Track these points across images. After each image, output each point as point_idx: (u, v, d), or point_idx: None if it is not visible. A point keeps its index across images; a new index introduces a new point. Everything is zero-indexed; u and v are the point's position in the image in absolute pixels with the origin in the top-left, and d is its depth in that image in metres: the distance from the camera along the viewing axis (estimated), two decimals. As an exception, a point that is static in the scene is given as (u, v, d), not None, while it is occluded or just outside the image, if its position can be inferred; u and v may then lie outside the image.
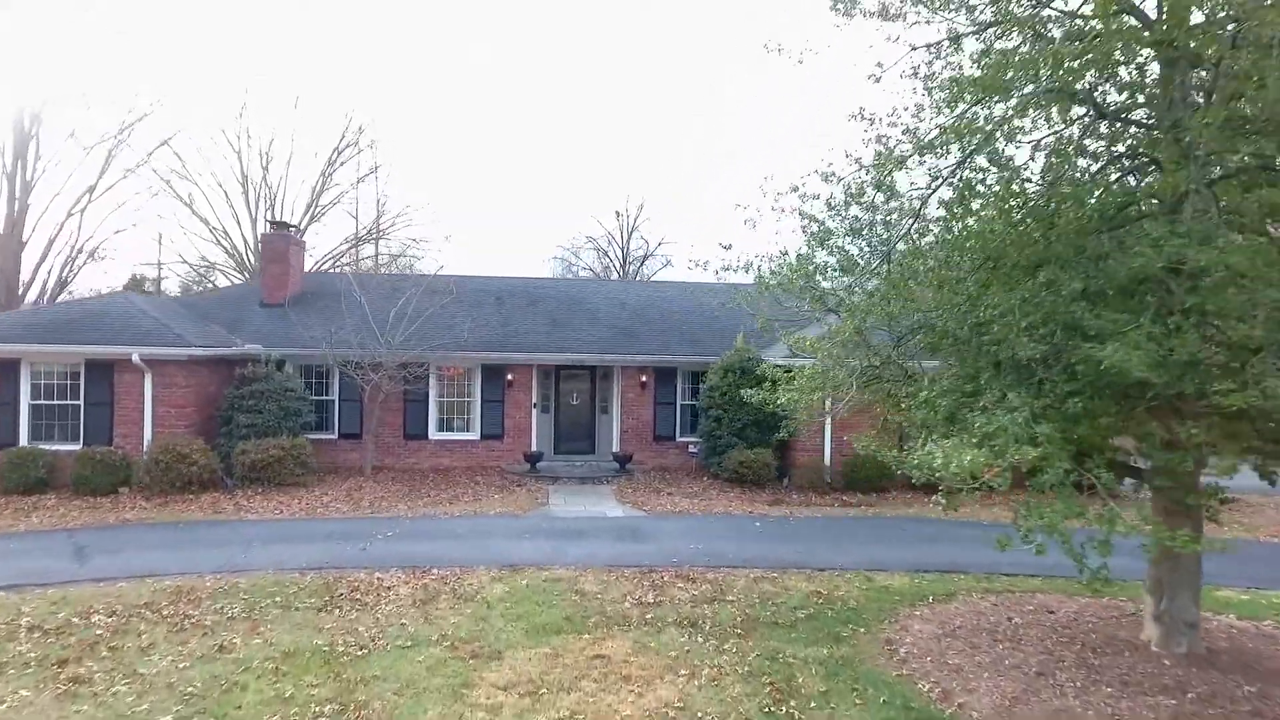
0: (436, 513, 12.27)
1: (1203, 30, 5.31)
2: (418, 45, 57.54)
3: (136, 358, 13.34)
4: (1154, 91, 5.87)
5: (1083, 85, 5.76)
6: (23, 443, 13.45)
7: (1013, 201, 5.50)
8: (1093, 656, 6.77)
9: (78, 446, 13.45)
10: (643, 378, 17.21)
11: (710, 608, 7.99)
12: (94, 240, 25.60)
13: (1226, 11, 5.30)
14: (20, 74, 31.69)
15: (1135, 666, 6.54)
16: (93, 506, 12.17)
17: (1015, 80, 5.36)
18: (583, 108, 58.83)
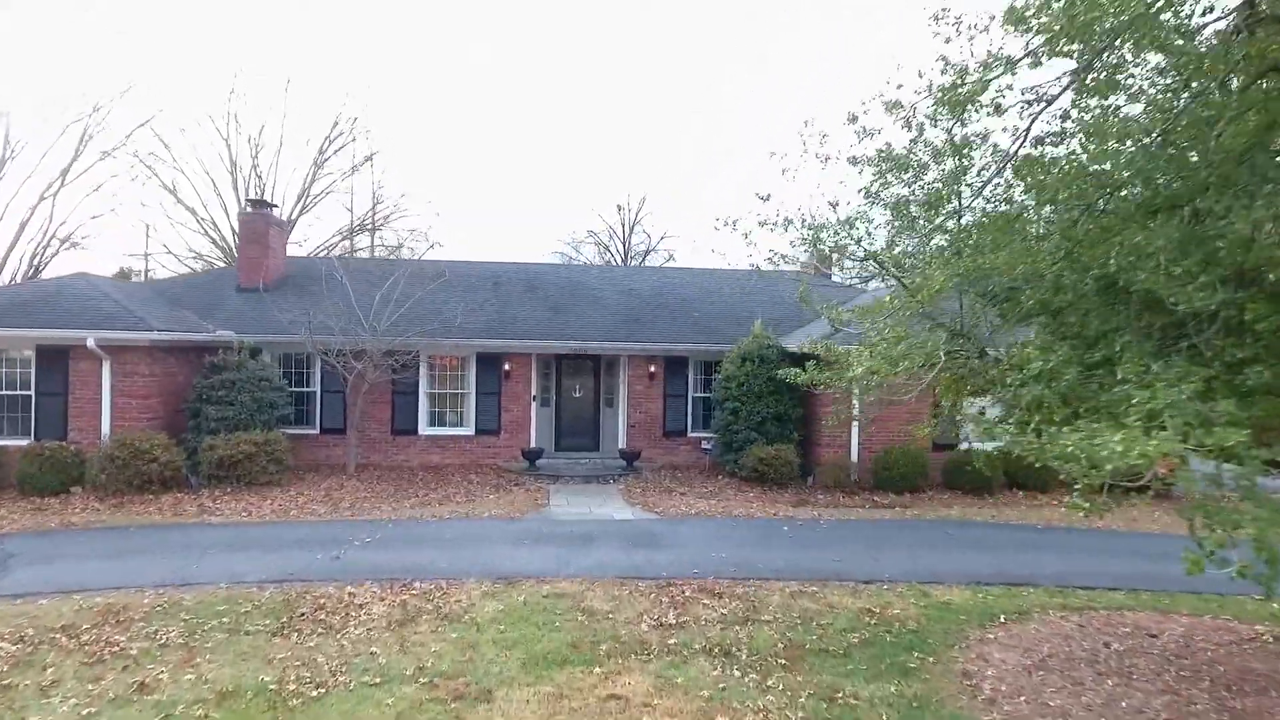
0: (424, 515, 10.94)
1: None
2: (417, 43, 56.24)
3: (92, 342, 12.00)
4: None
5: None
6: (-35, 437, 12.14)
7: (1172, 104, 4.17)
8: (1231, 697, 5.44)
9: (28, 441, 12.12)
10: (651, 368, 15.88)
11: (744, 630, 6.67)
12: (68, 226, 24.31)
13: None
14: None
15: (1286, 710, 5.23)
16: (38, 508, 10.83)
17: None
18: (581, 107, 57.58)
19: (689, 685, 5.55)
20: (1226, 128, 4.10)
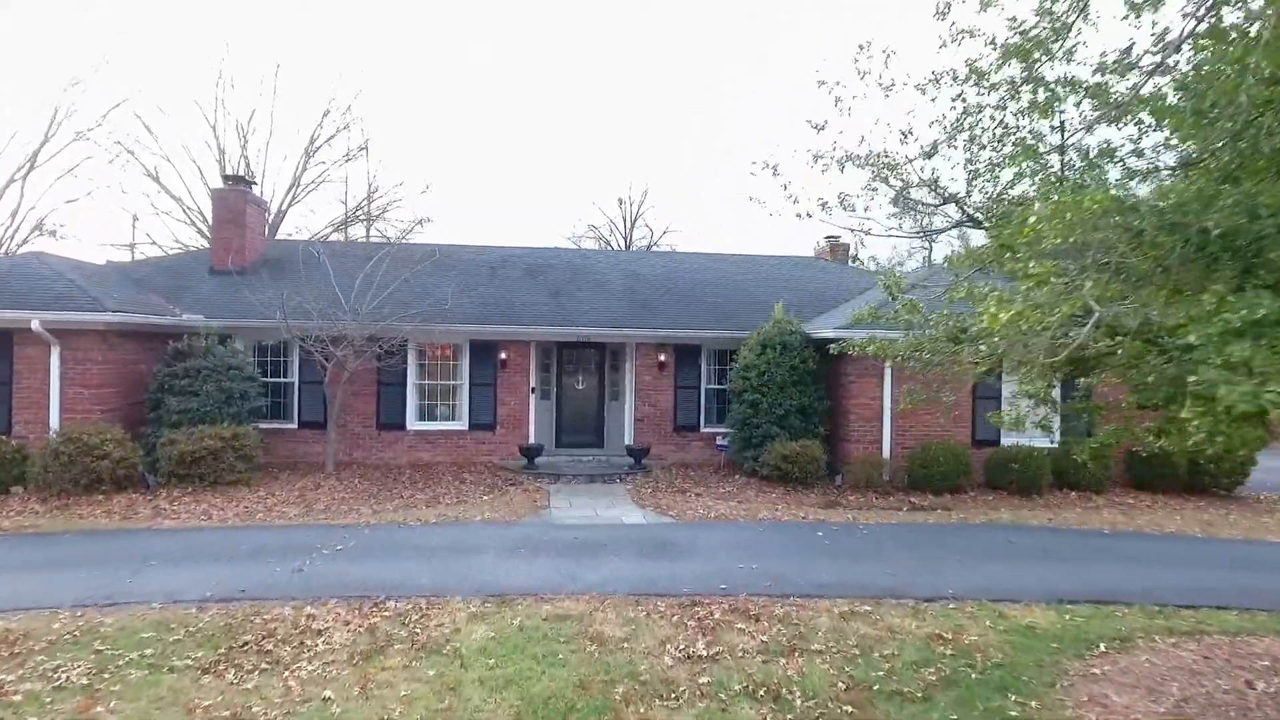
0: (408, 519, 9.63)
1: None
2: (416, 40, 54.86)
3: (38, 325, 10.69)
4: None
5: None
6: (-104, 431, 10.84)
7: None
8: None
9: (-34, 436, 10.83)
10: (660, 357, 14.57)
11: (791, 664, 5.37)
12: (39, 212, 22.98)
13: None
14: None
15: None
16: (-31, 511, 9.54)
17: None
18: (581, 107, 56.13)
19: (733, 745, 4.25)
20: None
